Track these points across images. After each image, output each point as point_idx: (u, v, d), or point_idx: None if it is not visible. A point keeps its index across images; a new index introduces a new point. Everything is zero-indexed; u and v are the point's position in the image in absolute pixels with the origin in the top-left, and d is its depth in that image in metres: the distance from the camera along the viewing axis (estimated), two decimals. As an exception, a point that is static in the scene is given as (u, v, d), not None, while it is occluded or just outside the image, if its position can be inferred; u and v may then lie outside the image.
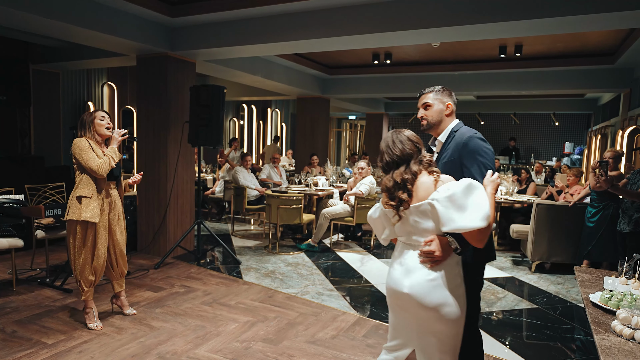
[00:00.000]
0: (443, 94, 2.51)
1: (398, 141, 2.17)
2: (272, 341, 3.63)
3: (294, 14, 5.10)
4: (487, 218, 1.94)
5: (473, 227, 1.93)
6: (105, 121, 3.70)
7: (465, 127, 2.49)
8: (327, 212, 6.59)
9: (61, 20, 4.58)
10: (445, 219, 1.96)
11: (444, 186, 2.02)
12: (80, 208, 3.56)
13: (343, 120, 19.07)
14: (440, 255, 2.04)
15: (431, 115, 2.50)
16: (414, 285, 2.05)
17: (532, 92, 9.39)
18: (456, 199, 1.95)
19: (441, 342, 2.08)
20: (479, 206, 1.94)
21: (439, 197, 1.98)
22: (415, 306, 2.06)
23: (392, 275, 2.18)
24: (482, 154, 2.33)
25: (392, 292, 2.17)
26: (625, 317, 2.14)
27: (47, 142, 7.88)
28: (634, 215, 4.45)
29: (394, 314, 2.24)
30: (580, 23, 4.22)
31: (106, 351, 3.37)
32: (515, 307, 4.59)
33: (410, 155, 2.14)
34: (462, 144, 2.35)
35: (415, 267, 2.08)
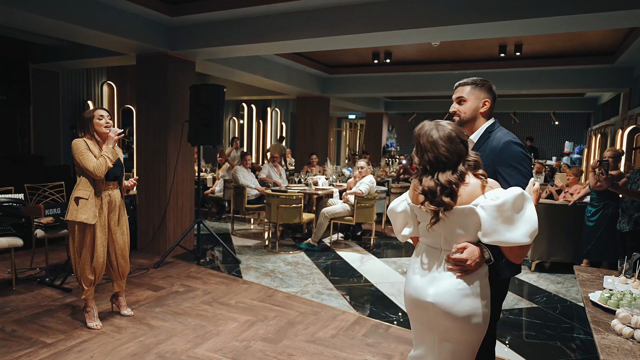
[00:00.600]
0: (481, 89, 2.26)
1: (446, 138, 1.90)
2: (272, 340, 3.63)
3: (293, 13, 5.10)
4: (534, 234, 1.79)
5: (518, 243, 1.78)
6: (104, 120, 3.66)
7: (501, 128, 2.26)
8: (327, 212, 6.59)
9: (61, 19, 4.58)
10: (489, 229, 1.79)
11: (492, 192, 1.83)
12: (77, 209, 3.57)
13: (343, 120, 19.08)
14: (472, 265, 1.87)
15: (465, 111, 2.27)
16: (440, 293, 1.89)
17: (532, 91, 9.39)
18: (505, 210, 1.77)
19: (463, 351, 1.96)
20: (528, 221, 1.78)
21: (486, 204, 1.80)
22: (440, 316, 1.90)
23: (413, 283, 2.00)
24: (521, 161, 2.12)
25: (413, 301, 2.00)
26: (625, 316, 2.13)
27: (47, 142, 7.88)
28: (634, 214, 4.45)
29: (414, 323, 2.09)
30: (580, 22, 4.21)
31: (106, 350, 3.37)
32: (515, 307, 4.59)
33: (459, 155, 1.89)
34: (498, 150, 2.13)
35: (441, 275, 1.92)
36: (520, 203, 1.79)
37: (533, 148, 13.11)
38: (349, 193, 6.77)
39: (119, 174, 3.79)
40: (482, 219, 1.80)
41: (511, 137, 2.17)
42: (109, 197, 3.73)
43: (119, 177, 3.81)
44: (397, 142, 16.67)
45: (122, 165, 3.82)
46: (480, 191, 1.86)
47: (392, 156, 14.21)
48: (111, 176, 3.72)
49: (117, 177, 3.78)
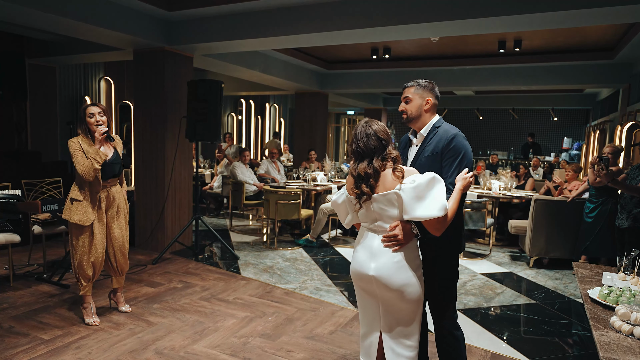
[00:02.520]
0: (424, 89, 2.54)
1: (364, 134, 2.24)
2: (270, 336, 3.63)
3: (292, 8, 5.07)
4: (444, 209, 2.11)
5: (431, 217, 2.10)
6: (94, 118, 3.57)
7: (447, 124, 2.54)
8: (326, 208, 6.58)
9: (57, 13, 4.55)
10: (408, 208, 2.12)
11: (410, 177, 2.16)
12: (71, 209, 3.57)
13: (341, 116, 19.05)
14: (402, 239, 2.19)
15: (410, 109, 2.54)
16: (380, 267, 2.20)
17: (531, 87, 9.38)
18: (419, 191, 2.11)
19: (404, 319, 2.26)
20: (437, 198, 2.12)
21: (405, 187, 2.13)
22: (382, 287, 2.21)
23: (357, 259, 2.31)
24: (463, 153, 2.41)
25: (358, 275, 2.30)
26: (624, 313, 2.13)
27: (44, 137, 7.84)
28: (633, 210, 4.45)
29: (360, 298, 2.38)
30: (579, 17, 4.20)
31: (104, 347, 3.36)
32: (513, 303, 4.59)
33: (372, 151, 2.22)
34: (446, 141, 2.41)
35: (380, 251, 2.22)
36: (432, 184, 2.13)
37: (535, 144, 13.08)
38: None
39: (117, 172, 3.75)
40: (404, 200, 2.13)
41: (457, 131, 2.46)
42: (107, 193, 3.71)
43: (117, 174, 3.77)
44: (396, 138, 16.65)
45: (120, 162, 3.76)
46: (399, 180, 2.16)
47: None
48: (109, 175, 3.68)
49: (115, 175, 3.74)
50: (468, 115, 15.54)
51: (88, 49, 6.82)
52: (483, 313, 4.30)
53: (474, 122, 15.52)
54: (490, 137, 16.01)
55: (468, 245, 6.90)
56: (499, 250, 6.70)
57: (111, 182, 3.74)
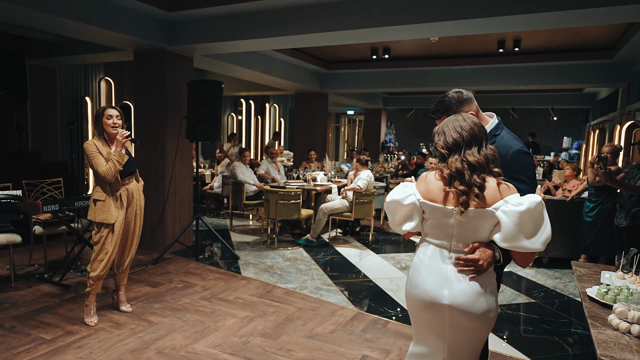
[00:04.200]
0: (457, 108, 2.18)
1: (470, 120, 1.94)
2: (271, 336, 3.64)
3: (292, 8, 5.08)
4: (547, 242, 1.82)
5: (535, 250, 1.81)
6: (112, 120, 3.69)
7: (506, 132, 2.21)
8: (326, 207, 6.59)
9: (58, 14, 4.56)
10: (509, 235, 1.79)
11: (513, 197, 1.82)
12: (95, 210, 3.66)
13: (341, 116, 19.06)
14: (484, 265, 1.88)
15: None
16: (457, 295, 1.88)
17: (531, 87, 9.39)
18: (527, 218, 1.77)
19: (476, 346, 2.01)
20: (544, 229, 1.81)
21: (508, 209, 1.79)
22: (459, 317, 1.90)
23: (422, 286, 1.96)
24: (529, 172, 2.12)
25: (426, 304, 1.95)
26: (621, 311, 2.14)
27: (44, 138, 7.85)
28: (632, 209, 4.46)
29: (421, 326, 2.05)
30: (579, 17, 4.21)
31: (105, 346, 3.38)
32: (512, 302, 4.61)
33: (481, 137, 1.90)
34: (507, 159, 2.08)
35: (454, 276, 1.90)
36: (540, 211, 1.80)
37: (535, 144, 13.08)
38: (347, 189, 6.78)
39: (133, 169, 3.88)
40: (504, 224, 1.80)
41: (520, 146, 2.14)
42: (126, 192, 3.80)
43: (132, 172, 3.89)
44: (396, 137, 16.66)
45: (132, 159, 3.88)
46: (499, 195, 1.84)
47: (391, 152, 14.21)
48: (126, 173, 3.78)
49: (131, 173, 3.86)
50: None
51: (88, 50, 6.83)
52: (483, 312, 4.31)
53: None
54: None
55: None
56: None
57: (128, 179, 3.84)
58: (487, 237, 1.89)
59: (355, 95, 12.69)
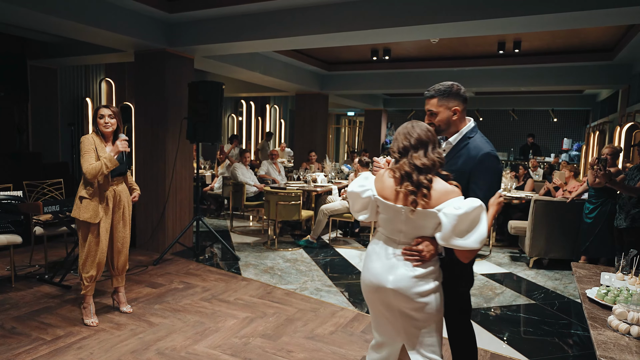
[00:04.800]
0: (450, 97, 2.29)
1: (418, 127, 2.11)
2: (271, 337, 3.65)
3: (292, 10, 5.09)
4: (483, 242, 2.01)
5: (469, 248, 2.01)
6: (104, 120, 3.67)
7: (479, 136, 2.33)
8: (326, 209, 6.60)
9: (59, 16, 4.57)
10: (447, 235, 2.00)
11: (454, 201, 2.00)
12: (80, 208, 3.63)
13: (342, 117, 19.06)
14: (427, 257, 2.08)
15: (438, 122, 2.31)
16: (399, 280, 2.09)
17: (531, 88, 9.40)
18: (463, 220, 1.97)
19: (426, 330, 2.15)
20: (479, 230, 2.00)
21: (448, 212, 1.98)
22: (400, 300, 2.10)
23: (371, 270, 2.18)
24: (495, 175, 2.28)
25: (373, 287, 2.17)
26: (621, 312, 2.15)
27: (45, 139, 7.86)
28: (631, 210, 4.46)
29: (374, 309, 2.25)
30: (579, 19, 4.21)
31: (105, 347, 3.38)
32: (513, 303, 4.61)
33: (427, 142, 2.08)
34: (477, 160, 2.23)
35: (398, 263, 2.11)
36: (477, 214, 2.00)
37: (535, 145, 13.05)
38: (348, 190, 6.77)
39: (123, 171, 3.85)
40: (443, 224, 1.99)
41: (489, 149, 2.27)
42: (113, 192, 3.78)
43: (123, 173, 3.86)
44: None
45: (122, 160, 3.83)
46: (444, 197, 2.02)
47: (391, 153, 14.16)
48: (115, 173, 3.76)
49: (121, 174, 3.83)
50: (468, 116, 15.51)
51: (89, 51, 6.84)
52: (483, 313, 4.32)
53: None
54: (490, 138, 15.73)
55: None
56: (499, 251, 6.72)
57: (117, 180, 3.82)
58: (431, 234, 2.09)
59: (356, 97, 12.69)
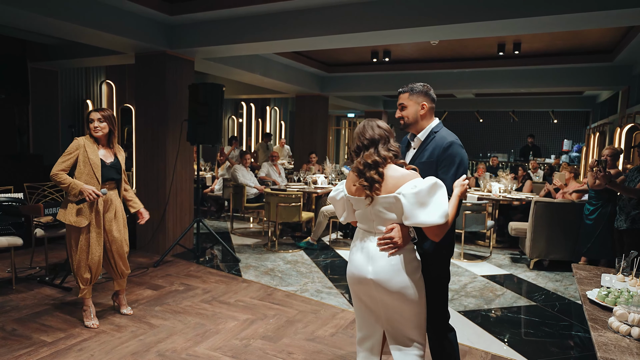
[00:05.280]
0: (419, 94, 2.51)
1: (369, 127, 2.25)
2: (272, 339, 3.64)
3: (292, 12, 5.10)
4: (445, 216, 2.08)
5: (432, 224, 2.07)
6: (93, 124, 3.66)
7: (445, 129, 2.53)
8: (326, 210, 6.60)
9: (60, 18, 4.57)
10: (409, 214, 2.09)
11: (411, 182, 2.11)
12: (66, 212, 3.61)
13: (342, 118, 19.07)
14: (399, 242, 2.17)
15: (407, 115, 2.53)
16: (378, 271, 2.17)
17: (531, 90, 9.41)
18: (421, 197, 2.07)
19: (408, 320, 2.24)
20: (439, 205, 2.08)
21: (406, 192, 2.09)
22: (381, 291, 2.18)
23: (354, 262, 2.28)
24: (460, 160, 2.41)
25: (356, 279, 2.27)
26: (622, 314, 2.14)
27: (46, 140, 7.87)
28: (631, 212, 4.46)
29: (358, 301, 2.34)
30: (579, 21, 4.22)
31: (106, 349, 3.38)
32: (513, 305, 4.61)
33: (378, 140, 2.22)
34: (442, 148, 2.41)
35: (377, 254, 2.20)
36: (434, 190, 2.09)
37: (534, 146, 13.05)
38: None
39: (114, 176, 3.78)
40: (404, 205, 2.09)
41: (454, 138, 2.45)
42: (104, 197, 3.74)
43: (115, 179, 3.80)
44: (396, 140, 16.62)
45: (118, 167, 3.80)
46: (403, 180, 2.13)
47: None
48: (106, 178, 3.72)
49: (110, 178, 3.76)
50: (468, 118, 15.55)
51: (90, 53, 6.86)
52: (483, 315, 4.32)
53: (474, 124, 15.54)
54: (490, 140, 16.03)
55: (468, 248, 6.91)
56: (499, 252, 6.71)
57: (108, 185, 3.77)
58: (399, 218, 2.18)
59: (356, 98, 12.70)
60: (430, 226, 2.10)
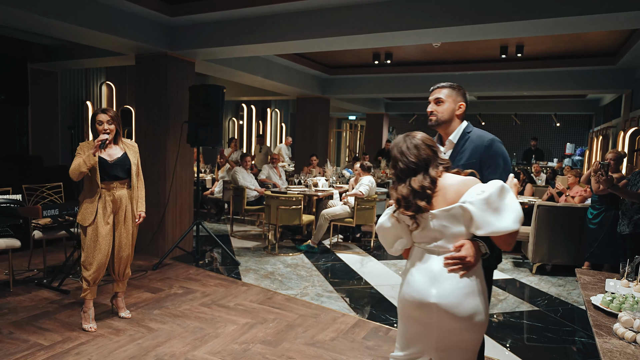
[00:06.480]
0: (458, 93, 2.38)
1: (412, 146, 2.03)
2: (271, 343, 3.61)
3: (294, 14, 5.07)
4: (520, 220, 1.87)
5: (509, 230, 1.86)
6: (102, 127, 3.65)
7: (477, 129, 2.38)
8: (327, 213, 6.56)
9: (60, 19, 4.56)
10: (482, 222, 1.87)
11: (475, 188, 1.92)
12: (79, 210, 3.68)
13: (343, 121, 19.04)
14: (472, 261, 1.93)
15: (442, 112, 2.36)
16: (444, 295, 1.91)
17: (533, 93, 9.37)
18: (492, 202, 1.86)
19: (467, 350, 2.00)
20: (513, 208, 1.87)
21: (473, 199, 1.88)
22: (444, 317, 1.92)
23: (412, 285, 2.01)
24: (505, 158, 2.28)
25: (414, 303, 1.99)
26: (627, 320, 2.11)
27: (45, 142, 7.85)
28: (634, 216, 4.42)
29: (410, 325, 2.08)
30: (581, 23, 4.19)
31: (103, 353, 3.34)
32: (516, 310, 4.56)
33: (427, 160, 2.01)
34: (483, 147, 2.26)
35: (442, 275, 1.95)
36: (503, 193, 1.89)
37: (537, 149, 13.01)
38: (348, 194, 6.75)
39: (120, 174, 3.74)
40: (474, 214, 1.88)
41: (493, 136, 2.32)
42: (112, 196, 3.71)
43: (122, 177, 3.76)
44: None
45: (126, 165, 3.75)
46: (463, 189, 1.94)
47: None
48: (110, 177, 3.69)
49: (118, 177, 3.72)
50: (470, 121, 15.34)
51: (90, 54, 6.85)
52: (485, 320, 4.27)
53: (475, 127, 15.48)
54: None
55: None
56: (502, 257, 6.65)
57: (115, 184, 3.73)
58: (466, 231, 1.95)
59: (357, 101, 12.68)
60: (503, 235, 1.88)
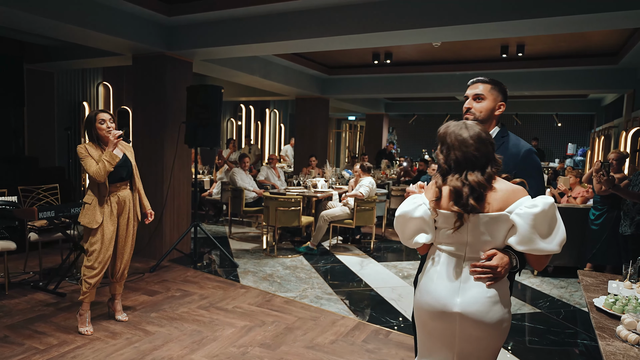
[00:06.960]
0: (500, 91, 2.19)
1: (476, 137, 1.83)
2: (270, 346, 3.56)
3: (292, 13, 5.04)
4: (562, 243, 1.79)
5: (552, 252, 1.77)
6: (105, 125, 3.64)
7: (513, 135, 2.21)
8: (326, 215, 6.52)
9: (56, 19, 4.52)
10: (526, 238, 1.75)
11: (525, 200, 1.78)
12: (82, 212, 3.64)
13: (342, 121, 19.02)
14: (502, 272, 1.81)
15: (481, 110, 2.16)
16: (471, 302, 1.82)
17: (535, 93, 9.34)
18: (542, 219, 1.74)
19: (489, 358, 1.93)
20: (560, 229, 1.79)
21: (522, 212, 1.75)
22: (470, 326, 1.83)
23: (433, 292, 1.89)
24: (540, 171, 2.14)
25: (434, 313, 1.88)
26: (630, 322, 2.09)
27: (41, 143, 7.80)
28: (636, 217, 4.38)
29: (429, 335, 1.96)
30: (583, 22, 4.16)
31: (100, 356, 3.30)
32: (517, 312, 4.51)
33: (488, 156, 1.83)
34: (520, 158, 2.09)
35: (468, 284, 1.84)
36: (553, 212, 1.77)
37: (539, 150, 12.98)
38: (348, 195, 6.70)
39: (125, 175, 3.76)
40: (519, 227, 1.75)
41: (530, 146, 2.15)
42: (117, 198, 3.71)
43: (125, 178, 3.77)
44: (398, 143, 16.61)
45: (129, 166, 3.78)
46: (511, 198, 1.79)
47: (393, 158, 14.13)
48: (116, 178, 3.69)
49: (122, 178, 3.74)
50: (470, 121, 15.46)
51: (87, 54, 6.81)
52: (486, 322, 4.23)
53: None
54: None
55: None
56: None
57: (120, 185, 3.74)
58: (502, 242, 1.84)
59: (357, 101, 12.66)
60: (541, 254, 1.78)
